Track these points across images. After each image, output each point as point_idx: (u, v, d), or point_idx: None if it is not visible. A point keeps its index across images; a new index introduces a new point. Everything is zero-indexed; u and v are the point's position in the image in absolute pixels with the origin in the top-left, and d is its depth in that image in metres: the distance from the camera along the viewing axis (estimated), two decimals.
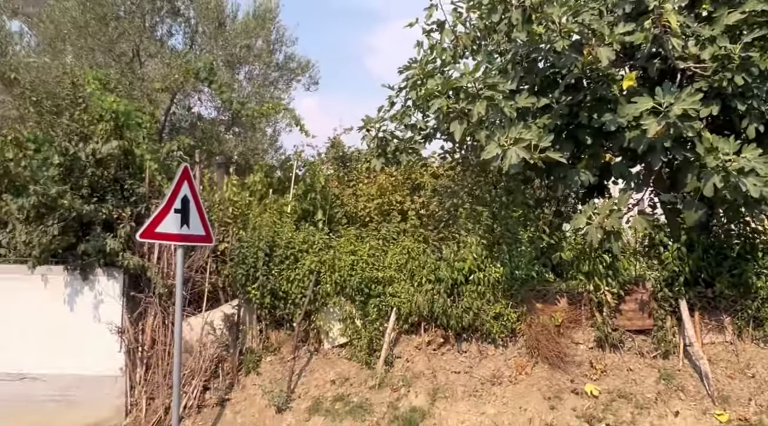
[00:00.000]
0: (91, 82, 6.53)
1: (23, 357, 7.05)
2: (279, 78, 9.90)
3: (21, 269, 7.11)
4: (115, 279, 7.10)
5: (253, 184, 8.78)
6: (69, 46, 7.42)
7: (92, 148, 6.77)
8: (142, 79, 7.80)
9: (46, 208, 6.58)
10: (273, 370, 6.90)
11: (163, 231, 5.70)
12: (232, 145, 9.40)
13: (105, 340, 7.00)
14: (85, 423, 6.81)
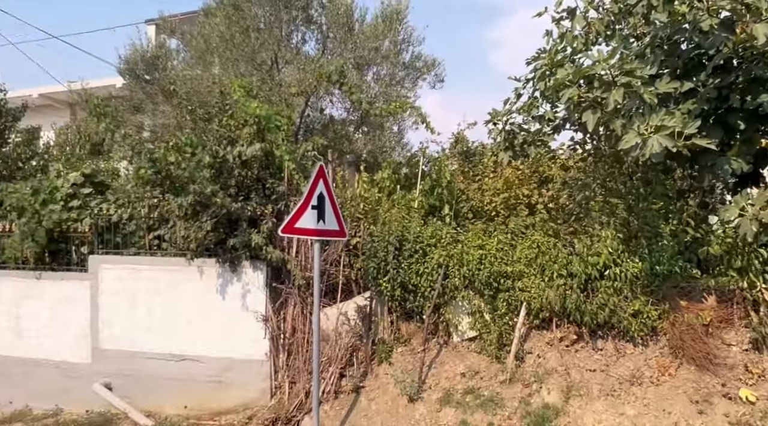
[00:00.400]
0: (237, 90, 7.06)
1: (185, 340, 7.81)
2: (405, 77, 10.07)
3: (180, 261, 7.88)
4: (260, 271, 7.63)
5: (382, 181, 9.01)
6: (216, 58, 8.11)
7: (238, 150, 7.32)
8: (279, 84, 8.30)
9: (201, 206, 7.23)
10: (404, 360, 7.04)
11: (301, 226, 6.01)
12: (361, 144, 9.71)
13: (252, 327, 7.56)
14: (236, 403, 7.41)
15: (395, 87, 9.85)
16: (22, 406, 8.35)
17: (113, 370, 8.04)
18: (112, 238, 8.29)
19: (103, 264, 8.20)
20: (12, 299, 8.60)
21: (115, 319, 8.12)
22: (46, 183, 8.56)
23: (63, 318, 8.35)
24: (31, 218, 8.28)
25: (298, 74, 8.04)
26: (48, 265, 8.56)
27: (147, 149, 6.86)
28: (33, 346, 8.48)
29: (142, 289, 8.05)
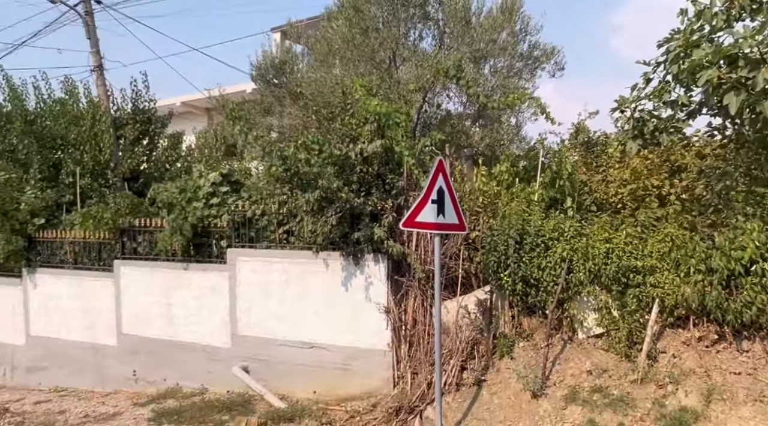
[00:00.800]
0: (358, 90, 7.27)
1: (313, 329, 8.20)
2: (523, 68, 9.79)
3: (307, 254, 8.27)
4: (381, 264, 7.81)
5: (500, 174, 8.85)
6: (338, 60, 8.41)
7: (360, 147, 7.53)
8: (398, 82, 8.43)
9: (327, 201, 7.54)
10: (526, 355, 6.89)
11: (422, 220, 6.07)
12: (478, 138, 9.62)
13: (374, 318, 7.77)
14: (361, 390, 7.66)
15: (513, 78, 9.63)
16: (174, 384, 9.22)
17: (250, 355, 8.63)
18: (247, 232, 8.89)
19: (240, 257, 8.81)
20: (163, 289, 9.50)
21: (251, 307, 8.70)
22: (190, 182, 9.36)
23: (207, 306, 9.10)
24: (179, 214, 9.09)
25: (415, 71, 8.13)
26: (193, 257, 9.35)
27: (278, 148, 7.26)
28: (182, 331, 9.32)
29: (274, 280, 8.55)
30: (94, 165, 11.83)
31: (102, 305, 10.09)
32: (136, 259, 9.85)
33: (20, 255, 10.68)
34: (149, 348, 9.58)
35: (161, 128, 13.53)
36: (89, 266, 10.35)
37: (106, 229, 10.03)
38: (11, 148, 11.68)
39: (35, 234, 10.75)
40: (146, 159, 12.94)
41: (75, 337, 10.34)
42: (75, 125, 12.08)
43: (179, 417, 7.70)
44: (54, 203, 11.02)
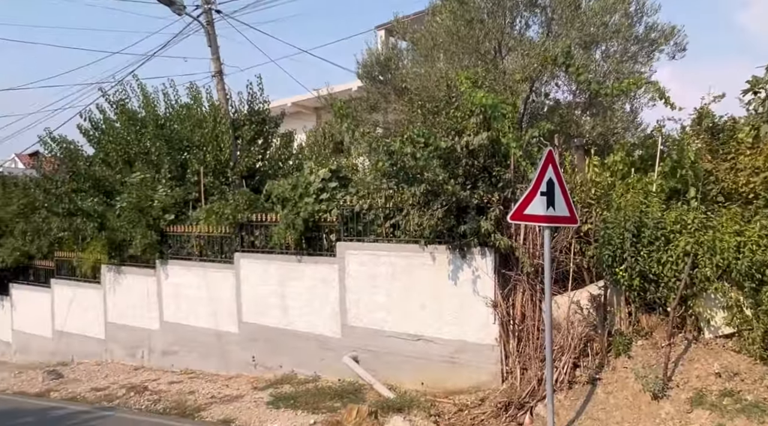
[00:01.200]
0: (463, 82, 7.17)
1: (419, 322, 8.23)
2: (639, 51, 9.15)
3: (414, 248, 8.31)
4: (488, 257, 7.67)
5: (614, 164, 8.36)
6: (442, 54, 8.35)
7: (465, 140, 7.43)
8: (503, 72, 8.22)
9: (432, 194, 7.53)
10: (645, 354, 6.47)
11: (530, 213, 5.88)
12: (589, 127, 9.14)
13: (481, 312, 7.65)
14: (468, 384, 7.58)
15: (627, 63, 9.04)
16: (289, 371, 9.65)
17: (359, 345, 8.83)
18: (355, 226, 9.09)
19: (348, 250, 9.03)
20: (278, 280, 9.97)
21: (359, 299, 8.90)
22: (301, 179, 9.72)
23: (318, 297, 9.42)
24: (291, 210, 9.48)
25: (522, 60, 7.88)
26: (305, 250, 9.72)
27: (384, 143, 7.35)
28: (296, 320, 9.73)
29: (381, 273, 8.68)
30: (215, 164, 12.63)
31: (224, 295, 10.77)
32: (253, 251, 10.41)
33: (154, 248, 11.65)
34: (267, 336, 10.09)
35: (274, 128, 14.17)
36: (212, 258, 11.09)
37: (227, 224, 10.69)
38: (145, 151, 12.76)
39: (166, 229, 11.68)
40: (261, 157, 13.62)
41: (201, 324, 11.13)
42: (199, 128, 12.96)
43: (295, 402, 8.05)
44: (182, 200, 11.91)
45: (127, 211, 11.54)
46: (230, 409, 8.21)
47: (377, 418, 6.73)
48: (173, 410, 8.53)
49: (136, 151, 12.92)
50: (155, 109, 13.40)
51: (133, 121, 13.17)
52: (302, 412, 7.69)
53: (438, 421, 6.76)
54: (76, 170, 13.20)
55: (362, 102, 9.80)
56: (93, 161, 13.62)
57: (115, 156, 13.23)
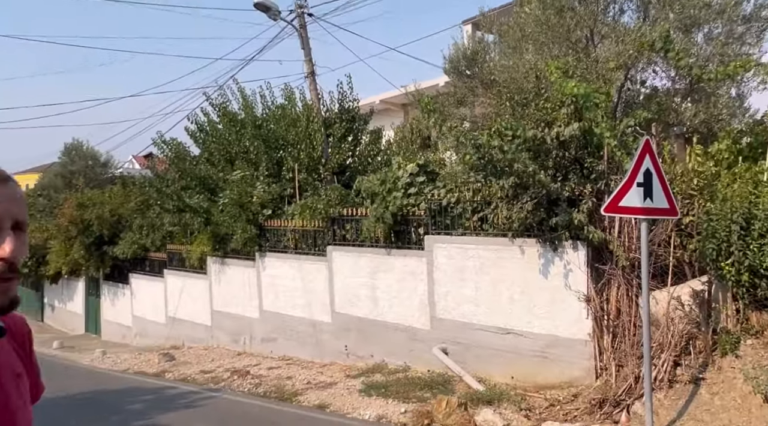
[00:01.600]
0: (553, 72, 6.94)
1: (508, 315, 8.09)
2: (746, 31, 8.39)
3: (502, 241, 8.17)
4: (580, 251, 7.40)
5: (718, 153, 7.76)
6: (531, 45, 8.12)
7: (556, 131, 7.19)
8: (596, 61, 7.85)
9: (521, 187, 7.36)
10: (755, 354, 5.98)
11: (626, 205, 5.61)
12: (690, 114, 8.52)
13: (573, 307, 7.40)
14: (560, 379, 7.37)
15: (733, 45, 8.33)
16: (380, 360, 9.81)
17: (448, 338, 8.82)
18: (443, 220, 9.07)
19: (436, 243, 9.04)
20: (369, 272, 10.15)
21: (447, 292, 8.88)
22: (389, 174, 9.83)
23: (407, 289, 9.51)
24: (380, 204, 9.62)
25: (616, 47, 7.48)
26: (393, 243, 9.83)
27: (471, 137, 7.27)
28: (385, 311, 9.87)
29: (469, 266, 8.61)
30: (309, 161, 13.05)
31: (317, 286, 11.13)
32: (344, 244, 10.66)
33: (253, 241, 12.24)
34: (358, 326, 10.32)
35: (363, 125, 14.42)
36: (306, 251, 11.48)
37: (320, 218, 11.02)
38: (245, 150, 13.41)
39: (264, 223, 12.23)
40: (351, 154, 13.90)
41: (297, 313, 11.57)
42: (293, 127, 13.44)
43: (386, 390, 8.18)
44: (278, 196, 12.42)
45: (229, 206, 12.20)
46: (325, 395, 8.49)
47: (467, 409, 6.70)
48: (273, 394, 8.94)
49: (237, 151, 13.61)
50: (253, 111, 14.04)
51: (233, 123, 13.89)
52: (393, 400, 7.80)
53: (529, 415, 6.62)
54: (184, 169, 14.11)
55: (449, 97, 9.73)
56: (198, 161, 14.52)
57: (217, 155, 14.02)
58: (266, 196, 12.19)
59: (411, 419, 6.96)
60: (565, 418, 6.32)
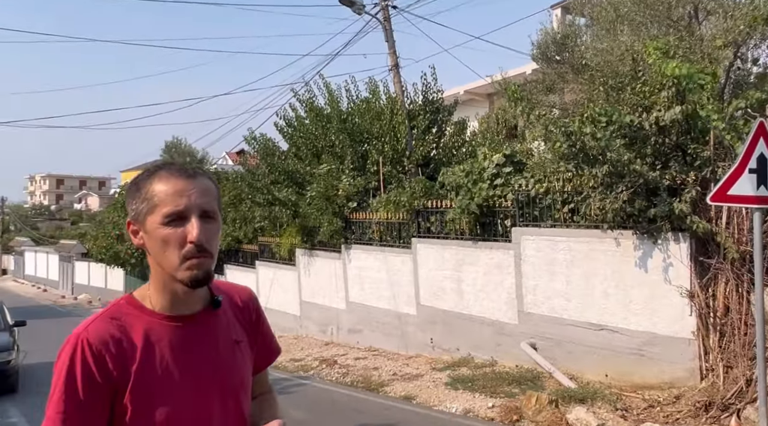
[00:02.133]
0: (652, 53, 6.52)
1: (602, 311, 7.74)
2: None
3: (595, 233, 7.82)
4: (682, 243, 6.94)
5: None
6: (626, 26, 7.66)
7: (655, 116, 6.77)
8: (700, 39, 7.28)
9: (616, 176, 6.99)
10: None
11: (736, 193, 5.20)
12: None
13: (674, 303, 6.96)
14: (660, 379, 6.96)
15: None
16: (466, 354, 9.72)
17: (536, 333, 8.58)
18: (531, 211, 8.81)
19: (524, 235, 8.80)
20: (453, 264, 10.07)
21: (536, 286, 8.63)
22: (475, 165, 9.68)
23: (493, 282, 9.34)
24: (465, 195, 9.49)
25: (723, 23, 6.89)
26: (479, 235, 9.68)
27: (561, 124, 7.00)
28: (471, 305, 9.75)
29: (559, 259, 8.31)
30: (393, 154, 13.12)
31: (402, 278, 11.18)
32: (429, 237, 10.63)
33: (339, 233, 12.50)
34: (444, 319, 10.27)
35: (448, 116, 14.29)
36: (391, 243, 11.56)
37: (404, 211, 11.06)
38: (330, 144, 13.69)
39: (349, 216, 12.45)
40: (435, 146, 13.82)
41: (382, 305, 11.69)
42: (377, 120, 13.55)
43: (472, 384, 8.09)
44: (363, 189, 12.59)
45: (316, 199, 12.52)
46: (411, 387, 8.52)
47: (558, 407, 6.48)
48: (360, 384, 9.10)
49: (323, 145, 13.92)
50: (339, 105, 14.29)
51: (319, 117, 14.20)
52: (480, 395, 7.70)
53: (626, 416, 6.30)
54: (273, 164, 14.63)
55: (537, 84, 9.39)
56: (287, 155, 15.00)
57: (305, 150, 14.41)
58: (351, 189, 12.39)
59: (499, 414, 6.84)
60: (666, 420, 5.96)
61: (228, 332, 1.40)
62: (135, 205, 1.29)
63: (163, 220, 1.25)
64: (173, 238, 1.24)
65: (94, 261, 26.44)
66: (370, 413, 7.46)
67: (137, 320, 1.29)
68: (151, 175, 1.30)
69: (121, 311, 1.31)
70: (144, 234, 1.29)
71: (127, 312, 1.31)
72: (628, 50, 7.41)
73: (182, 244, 1.24)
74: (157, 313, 1.31)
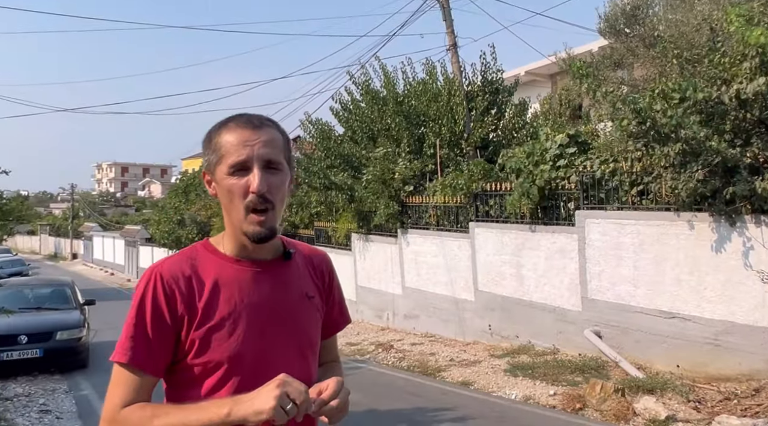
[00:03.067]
0: (734, 21, 6.14)
1: (673, 298, 7.42)
2: None
3: (666, 215, 7.50)
4: (765, 225, 6.54)
5: None
6: None
7: (735, 89, 6.38)
8: None
9: (690, 154, 6.65)
10: None
11: None
12: None
13: (753, 289, 6.60)
14: (738, 371, 6.62)
15: None
16: (525, 342, 9.56)
17: (601, 320, 8.33)
18: (596, 193, 8.53)
19: (589, 218, 8.52)
20: (513, 249, 9.89)
21: (601, 271, 8.36)
22: (537, 146, 9.44)
23: (555, 268, 9.11)
24: (526, 178, 9.28)
25: None
26: (540, 219, 9.46)
27: (631, 100, 6.71)
28: (532, 290, 9.56)
29: (626, 243, 8.01)
30: (450, 136, 12.97)
31: (460, 263, 11.09)
32: (488, 221, 10.48)
33: (395, 218, 12.50)
34: (502, 305, 10.12)
35: (508, 97, 13.98)
36: (448, 228, 11.47)
37: (462, 194, 10.93)
38: (386, 127, 13.68)
39: (406, 199, 12.42)
40: (494, 128, 13.57)
41: (439, 291, 11.64)
42: (434, 102, 13.41)
43: (533, 372, 7.95)
44: (419, 172, 12.53)
45: (371, 183, 12.55)
46: (468, 373, 8.47)
47: (624, 396, 6.28)
48: (416, 368, 9.12)
49: (379, 128, 13.92)
50: (395, 87, 14.23)
51: (375, 100, 14.20)
52: (541, 382, 7.56)
53: (699, 408, 6.03)
54: (328, 148, 14.76)
55: (605, 59, 9.05)
56: (343, 139, 15.10)
57: (360, 133, 14.46)
58: (408, 173, 12.35)
59: (561, 402, 6.70)
60: (744, 414, 5.66)
61: (300, 285, 1.43)
62: (207, 156, 1.35)
63: (229, 171, 1.29)
64: (237, 188, 1.28)
65: (157, 245, 27.57)
66: (427, 397, 7.46)
67: (209, 262, 1.35)
68: (221, 127, 1.34)
69: (196, 252, 1.38)
70: (215, 184, 1.35)
71: (201, 253, 1.37)
72: (705, 20, 7.02)
73: (245, 195, 1.28)
74: (228, 256, 1.36)
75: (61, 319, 9.88)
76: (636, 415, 6.01)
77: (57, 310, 10.34)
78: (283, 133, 1.39)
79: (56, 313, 10.21)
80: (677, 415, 5.88)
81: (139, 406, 1.24)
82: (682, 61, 7.21)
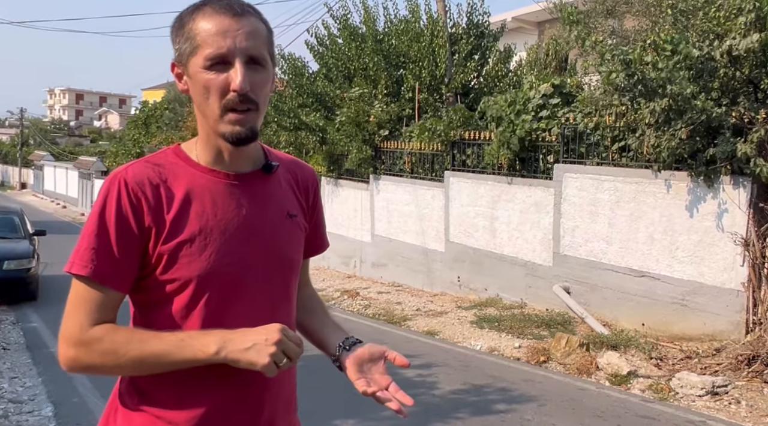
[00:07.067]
0: None
1: (646, 257, 7.63)
2: None
3: (644, 173, 7.62)
4: (742, 187, 6.71)
5: None
6: None
7: (728, 45, 6.39)
8: None
9: (675, 112, 6.70)
10: None
11: None
12: None
13: (724, 251, 6.82)
14: (701, 331, 6.91)
15: None
16: (494, 294, 9.78)
17: (571, 276, 8.54)
18: (576, 147, 8.59)
19: (567, 173, 8.61)
20: (488, 201, 9.97)
21: (575, 227, 8.52)
22: (520, 94, 9.40)
23: (529, 221, 9.25)
24: (507, 127, 9.26)
25: None
26: (518, 171, 9.52)
27: (620, 51, 6.67)
28: (504, 244, 9.71)
29: (603, 199, 8.15)
30: (430, 80, 12.79)
31: (432, 213, 11.16)
32: (464, 171, 10.51)
33: (368, 163, 12.43)
34: (473, 257, 10.28)
35: (493, 42, 13.78)
36: (423, 176, 11.48)
37: (439, 141, 10.88)
38: (364, 66, 13.39)
39: (380, 144, 12.33)
40: (477, 74, 13.43)
41: (409, 240, 11.74)
42: (416, 42, 13.13)
43: (499, 324, 8.17)
44: (396, 116, 12.40)
45: (345, 125, 12.38)
46: (434, 323, 8.66)
47: (588, 351, 6.52)
48: (382, 316, 9.28)
49: (356, 67, 13.62)
50: (375, 24, 13.86)
51: (353, 37, 13.82)
52: (506, 335, 7.78)
53: (660, 365, 6.31)
54: (301, 85, 14.42)
55: (597, 5, 8.96)
56: (316, 77, 14.75)
57: (336, 71, 14.14)
58: (384, 116, 12.20)
59: (525, 354, 6.92)
60: (704, 372, 5.95)
61: (281, 202, 1.34)
62: (178, 44, 1.22)
63: (205, 64, 1.17)
64: (215, 84, 1.17)
65: None
66: (391, 344, 7.54)
67: (181, 170, 1.25)
68: (195, 10, 1.20)
69: (166, 159, 1.28)
70: (187, 78, 1.23)
71: (172, 161, 1.27)
72: None
73: (224, 93, 1.17)
74: (202, 165, 1.27)
75: (9, 249, 9.68)
76: (598, 370, 6.26)
77: (4, 239, 10.11)
78: (267, 23, 1.25)
79: (4, 242, 9.98)
80: (639, 371, 6.14)
81: (111, 327, 1.17)
82: (676, 13, 7.17)
